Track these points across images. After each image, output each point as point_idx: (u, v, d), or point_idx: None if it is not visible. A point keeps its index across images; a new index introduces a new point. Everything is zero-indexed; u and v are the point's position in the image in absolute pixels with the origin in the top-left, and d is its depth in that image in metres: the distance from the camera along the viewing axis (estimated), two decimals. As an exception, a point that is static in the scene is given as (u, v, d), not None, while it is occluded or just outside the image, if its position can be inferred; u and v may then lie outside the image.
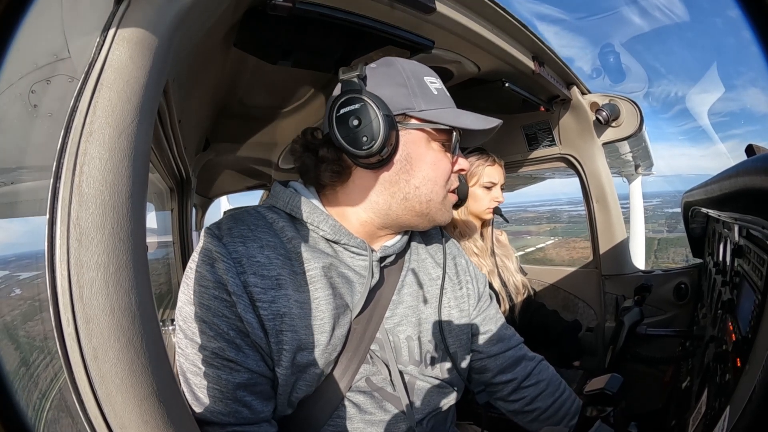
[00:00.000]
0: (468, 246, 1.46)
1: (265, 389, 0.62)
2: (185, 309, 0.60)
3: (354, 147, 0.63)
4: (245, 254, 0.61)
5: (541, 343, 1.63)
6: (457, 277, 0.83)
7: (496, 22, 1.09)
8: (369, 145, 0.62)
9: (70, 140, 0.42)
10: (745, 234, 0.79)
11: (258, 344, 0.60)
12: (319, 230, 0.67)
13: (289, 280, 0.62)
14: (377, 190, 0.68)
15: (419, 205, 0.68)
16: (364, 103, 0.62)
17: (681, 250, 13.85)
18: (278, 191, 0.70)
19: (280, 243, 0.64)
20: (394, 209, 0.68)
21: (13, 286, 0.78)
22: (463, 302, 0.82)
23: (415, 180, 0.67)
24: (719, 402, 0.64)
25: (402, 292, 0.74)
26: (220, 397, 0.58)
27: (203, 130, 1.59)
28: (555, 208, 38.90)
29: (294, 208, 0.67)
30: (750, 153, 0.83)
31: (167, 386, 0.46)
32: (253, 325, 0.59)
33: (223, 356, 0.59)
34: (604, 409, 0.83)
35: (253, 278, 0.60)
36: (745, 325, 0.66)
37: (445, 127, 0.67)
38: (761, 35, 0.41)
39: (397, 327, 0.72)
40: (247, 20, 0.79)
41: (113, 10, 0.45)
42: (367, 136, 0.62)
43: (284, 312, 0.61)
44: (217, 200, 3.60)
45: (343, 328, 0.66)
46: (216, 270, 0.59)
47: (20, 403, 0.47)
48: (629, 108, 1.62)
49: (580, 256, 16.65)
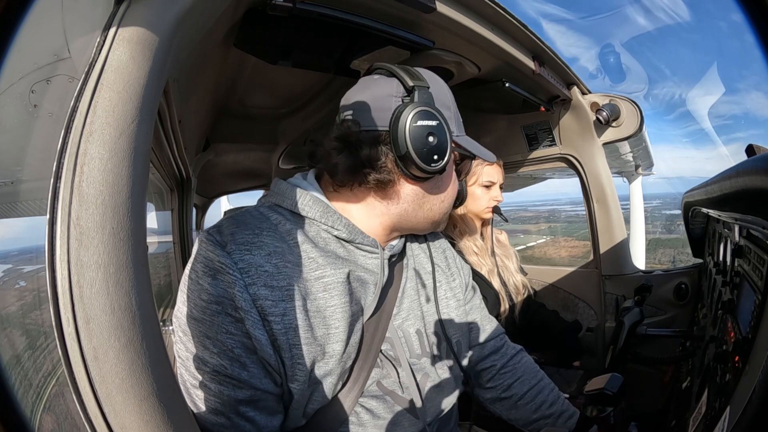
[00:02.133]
0: (467, 245, 1.46)
1: (270, 405, 0.59)
2: (184, 321, 0.56)
3: (425, 162, 0.62)
4: (253, 264, 0.56)
5: (541, 343, 1.63)
6: (448, 269, 0.85)
7: (496, 22, 1.09)
8: (437, 164, 0.62)
9: (71, 140, 0.42)
10: (746, 234, 0.79)
11: (266, 361, 0.56)
12: (333, 230, 0.64)
13: (300, 289, 0.58)
14: (408, 200, 0.68)
15: (439, 215, 0.72)
16: (440, 122, 0.63)
17: (669, 252, 13.87)
18: (283, 189, 0.66)
19: (288, 248, 0.60)
20: (417, 217, 0.70)
21: (18, 279, 0.78)
22: (458, 292, 0.84)
23: (443, 195, 0.71)
24: (719, 402, 0.64)
25: (405, 287, 0.75)
26: (222, 411, 0.56)
27: (203, 130, 1.59)
28: (555, 208, 38.94)
29: (304, 207, 0.64)
30: (750, 153, 0.83)
31: (167, 386, 0.46)
32: (261, 342, 0.55)
33: (225, 373, 0.55)
34: (604, 409, 0.83)
35: (263, 290, 0.55)
36: (746, 326, 0.66)
37: (469, 155, 0.73)
38: (763, 39, 0.41)
39: (405, 322, 0.72)
40: (247, 20, 0.79)
41: (113, 10, 0.45)
42: (438, 155, 0.62)
43: (297, 324, 0.57)
44: (217, 200, 3.60)
45: (357, 334, 0.64)
46: (219, 283, 0.55)
47: (20, 402, 0.47)
48: (629, 108, 1.62)
49: (568, 254, 16.70)
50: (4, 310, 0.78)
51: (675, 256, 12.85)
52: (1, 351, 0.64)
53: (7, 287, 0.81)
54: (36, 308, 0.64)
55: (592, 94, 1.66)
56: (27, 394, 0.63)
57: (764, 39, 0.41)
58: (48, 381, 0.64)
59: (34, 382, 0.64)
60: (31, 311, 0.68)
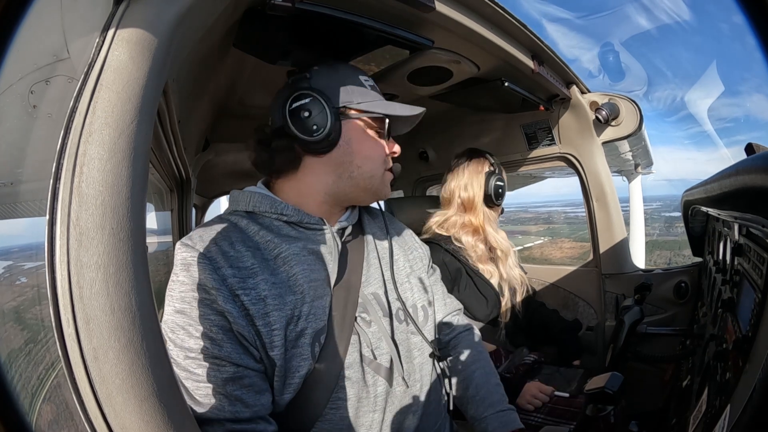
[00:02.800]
0: (471, 244, 1.46)
1: (255, 382, 0.64)
2: (170, 318, 0.64)
3: (306, 135, 0.73)
4: (218, 252, 0.65)
5: (541, 342, 1.63)
6: (405, 244, 0.95)
7: (495, 21, 1.09)
8: (319, 133, 0.73)
9: (70, 141, 0.42)
10: (745, 232, 0.79)
11: (241, 334, 0.63)
12: (283, 216, 0.74)
13: (263, 267, 0.67)
14: (326, 172, 0.77)
15: (363, 181, 0.79)
16: (314, 97, 0.73)
17: (666, 253, 13.88)
18: (237, 196, 0.77)
19: (247, 237, 0.70)
20: (342, 187, 0.78)
21: (19, 275, 0.79)
22: (415, 263, 0.93)
23: (357, 160, 0.78)
24: (720, 400, 0.64)
25: (369, 258, 0.83)
26: (213, 395, 0.61)
27: (203, 131, 1.59)
28: (554, 209, 39.03)
29: (256, 204, 0.74)
30: (750, 152, 0.83)
31: (168, 386, 0.46)
32: (234, 315, 0.62)
33: (208, 354, 0.62)
34: (604, 408, 0.84)
35: (230, 270, 0.64)
36: (746, 324, 0.66)
37: (378, 115, 0.78)
38: (764, 41, 0.41)
39: (373, 287, 0.80)
40: (246, 20, 0.79)
41: (113, 10, 0.45)
42: (317, 125, 0.73)
43: (266, 295, 0.65)
44: (217, 200, 3.60)
45: (325, 298, 0.71)
46: (192, 273, 0.63)
47: (20, 402, 0.47)
48: (629, 107, 1.62)
49: (563, 255, 16.76)
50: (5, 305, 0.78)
51: (671, 258, 12.85)
52: (1, 351, 0.64)
53: (8, 283, 0.82)
54: (36, 304, 0.64)
55: (591, 93, 1.66)
56: (27, 393, 0.63)
57: (765, 41, 0.41)
58: (49, 379, 0.64)
59: (35, 382, 0.64)
60: (31, 307, 0.68)
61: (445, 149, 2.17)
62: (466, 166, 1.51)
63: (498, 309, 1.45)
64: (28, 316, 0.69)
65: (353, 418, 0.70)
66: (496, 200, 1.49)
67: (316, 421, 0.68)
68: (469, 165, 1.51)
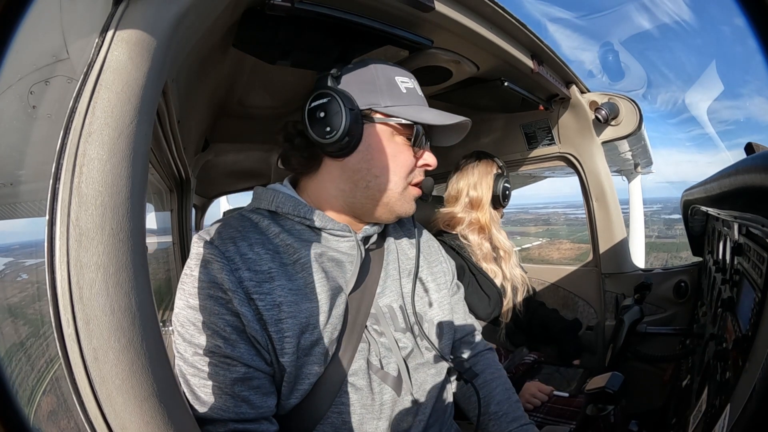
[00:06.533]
0: (474, 242, 1.47)
1: (263, 384, 0.64)
2: (182, 313, 0.63)
3: (320, 136, 0.70)
4: (237, 252, 0.64)
5: (541, 341, 1.64)
6: (431, 256, 0.92)
7: (495, 21, 1.09)
8: (331, 135, 0.69)
9: (69, 141, 0.42)
10: (745, 232, 0.79)
11: (254, 338, 0.62)
12: (305, 220, 0.71)
13: (281, 272, 0.66)
14: (343, 178, 0.74)
15: (379, 193, 0.73)
16: (332, 97, 0.70)
17: (663, 255, 13.85)
18: (260, 193, 0.75)
19: (267, 239, 0.68)
20: (358, 198, 0.74)
21: (20, 272, 0.79)
22: (439, 277, 0.89)
23: (375, 169, 0.73)
24: (719, 400, 0.64)
25: (389, 269, 0.80)
26: (219, 394, 0.60)
27: (202, 131, 1.59)
28: (555, 211, 39.09)
29: (279, 204, 0.72)
30: (749, 151, 0.83)
31: (168, 387, 0.46)
32: (248, 318, 0.61)
33: (219, 353, 0.61)
34: (604, 408, 0.84)
35: (247, 273, 0.63)
36: (745, 323, 0.66)
37: (407, 122, 0.72)
38: (765, 44, 0.41)
39: (388, 299, 0.78)
40: (245, 20, 0.79)
41: (112, 11, 0.45)
42: (330, 127, 0.69)
43: (281, 301, 0.64)
44: (217, 200, 3.60)
45: (341, 307, 0.69)
46: (210, 270, 0.62)
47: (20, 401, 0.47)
48: (628, 106, 1.62)
49: (561, 256, 16.82)
50: (6, 301, 0.78)
51: (668, 260, 12.84)
52: (1, 350, 0.64)
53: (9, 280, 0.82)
54: (36, 300, 0.64)
55: (591, 92, 1.66)
56: (27, 387, 0.63)
57: (766, 44, 0.41)
58: (48, 373, 0.64)
59: (35, 381, 0.64)
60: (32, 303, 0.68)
61: (444, 149, 2.17)
62: (475, 165, 1.52)
63: (500, 308, 1.46)
64: (29, 312, 0.70)
65: (356, 424, 0.69)
66: (502, 202, 1.51)
67: (317, 424, 0.67)
68: (479, 165, 1.52)
